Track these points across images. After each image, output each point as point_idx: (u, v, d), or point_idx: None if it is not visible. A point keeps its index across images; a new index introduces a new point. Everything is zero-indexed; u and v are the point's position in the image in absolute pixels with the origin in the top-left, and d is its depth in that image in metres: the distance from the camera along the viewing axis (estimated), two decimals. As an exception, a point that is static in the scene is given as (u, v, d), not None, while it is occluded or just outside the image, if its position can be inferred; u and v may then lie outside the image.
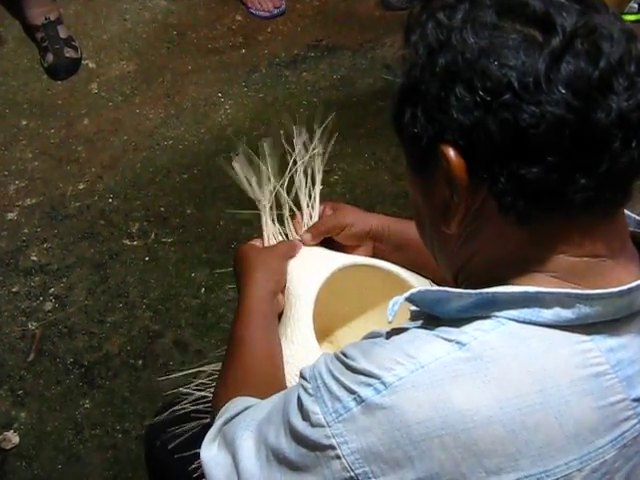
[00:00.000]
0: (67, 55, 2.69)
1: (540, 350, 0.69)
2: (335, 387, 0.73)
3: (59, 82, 2.69)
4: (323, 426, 0.72)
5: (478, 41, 0.67)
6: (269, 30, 2.92)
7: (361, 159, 2.44)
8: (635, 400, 0.71)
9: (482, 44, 0.67)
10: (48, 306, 2.11)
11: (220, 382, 1.06)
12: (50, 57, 2.68)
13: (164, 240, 2.25)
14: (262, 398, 0.92)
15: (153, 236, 2.26)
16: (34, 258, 2.22)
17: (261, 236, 1.25)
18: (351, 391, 0.71)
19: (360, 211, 1.23)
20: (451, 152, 0.69)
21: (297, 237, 1.23)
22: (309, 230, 1.22)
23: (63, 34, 2.71)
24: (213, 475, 0.86)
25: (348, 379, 0.72)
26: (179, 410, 1.19)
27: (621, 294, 0.70)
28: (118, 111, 2.61)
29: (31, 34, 2.76)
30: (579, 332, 0.70)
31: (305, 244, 1.22)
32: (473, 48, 0.67)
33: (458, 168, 0.70)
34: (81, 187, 2.39)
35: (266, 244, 1.24)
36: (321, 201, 1.26)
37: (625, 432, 0.71)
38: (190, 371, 1.28)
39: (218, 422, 0.92)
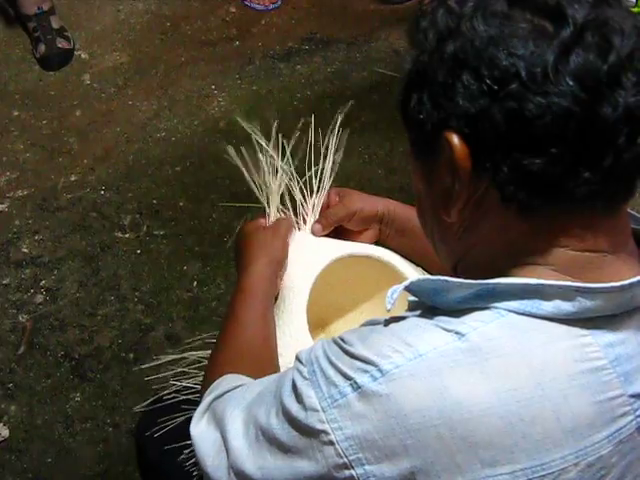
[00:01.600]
0: (59, 46, 2.67)
1: (539, 343, 0.69)
2: (331, 372, 0.72)
3: (51, 73, 2.67)
4: (317, 410, 0.72)
5: (488, 29, 0.67)
6: (263, 23, 2.91)
7: (355, 153, 2.43)
8: (632, 396, 0.71)
9: (491, 32, 0.67)
10: (39, 299, 2.09)
11: (213, 358, 1.05)
12: (42, 48, 2.67)
13: (156, 233, 2.24)
14: (254, 378, 0.92)
15: (145, 229, 2.25)
16: (25, 250, 2.20)
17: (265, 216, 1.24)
18: (347, 377, 0.71)
19: (366, 195, 1.24)
20: (455, 139, 0.69)
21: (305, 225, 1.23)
22: (319, 221, 1.23)
23: (56, 24, 2.69)
24: (202, 451, 0.86)
25: (345, 364, 0.72)
26: (169, 400, 1.18)
27: (622, 289, 0.70)
28: (111, 103, 2.60)
29: (23, 24, 2.74)
30: (578, 326, 0.70)
31: (316, 235, 1.22)
32: (482, 36, 0.67)
33: (461, 156, 0.70)
34: (73, 179, 2.37)
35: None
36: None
37: (621, 428, 0.71)
38: (178, 356, 1.27)
39: (208, 398, 0.91)
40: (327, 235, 1.23)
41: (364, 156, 2.43)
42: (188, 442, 0.95)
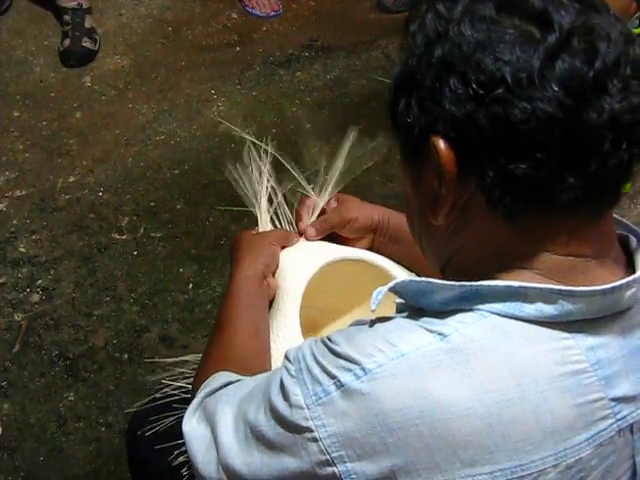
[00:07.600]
0: (84, 45, 2.71)
1: (520, 345, 0.70)
2: (317, 370, 0.73)
3: (52, 74, 2.69)
4: (302, 408, 0.73)
5: (475, 34, 0.68)
6: (264, 29, 2.92)
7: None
8: (613, 400, 0.71)
9: (479, 37, 0.68)
10: (35, 298, 2.10)
11: (203, 360, 1.06)
12: (67, 42, 2.71)
13: (153, 235, 2.25)
14: (245, 375, 0.93)
15: (142, 230, 2.26)
16: (22, 249, 2.21)
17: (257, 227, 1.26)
18: (331, 375, 0.72)
19: (363, 204, 1.24)
20: (441, 144, 0.70)
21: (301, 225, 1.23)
22: (313, 225, 1.22)
23: (88, 24, 2.74)
24: (193, 447, 0.87)
25: (330, 363, 0.73)
26: (162, 399, 1.19)
27: (604, 292, 0.70)
28: (111, 105, 2.61)
29: (58, 15, 2.79)
30: (560, 329, 0.71)
31: (307, 239, 1.22)
32: (470, 41, 0.68)
33: (447, 160, 0.70)
34: (71, 180, 2.39)
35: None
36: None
37: (602, 431, 0.71)
38: (175, 359, 1.28)
39: (200, 395, 0.92)
40: (321, 240, 1.24)
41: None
42: (179, 442, 0.95)
